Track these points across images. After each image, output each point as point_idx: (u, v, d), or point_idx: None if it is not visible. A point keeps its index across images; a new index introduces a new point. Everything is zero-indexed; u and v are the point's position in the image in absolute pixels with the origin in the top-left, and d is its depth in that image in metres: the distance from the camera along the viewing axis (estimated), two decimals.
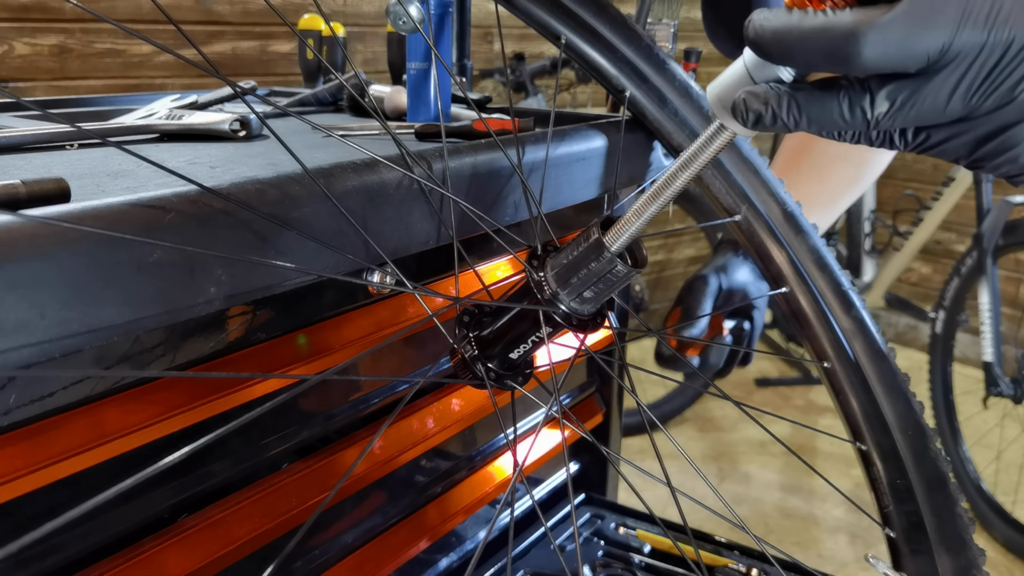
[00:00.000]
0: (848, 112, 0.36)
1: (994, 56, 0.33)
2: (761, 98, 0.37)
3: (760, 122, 0.38)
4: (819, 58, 0.34)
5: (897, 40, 0.32)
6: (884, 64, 0.33)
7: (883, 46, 0.33)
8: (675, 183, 0.45)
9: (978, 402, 2.40)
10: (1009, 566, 2.15)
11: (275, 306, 0.56)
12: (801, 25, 0.35)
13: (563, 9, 0.67)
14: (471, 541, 0.83)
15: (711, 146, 0.44)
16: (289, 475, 0.60)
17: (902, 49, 0.33)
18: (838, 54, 0.34)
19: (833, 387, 0.70)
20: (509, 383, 0.54)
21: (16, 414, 0.42)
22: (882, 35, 0.32)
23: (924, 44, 0.32)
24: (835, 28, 0.33)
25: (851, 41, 0.33)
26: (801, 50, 0.35)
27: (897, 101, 0.35)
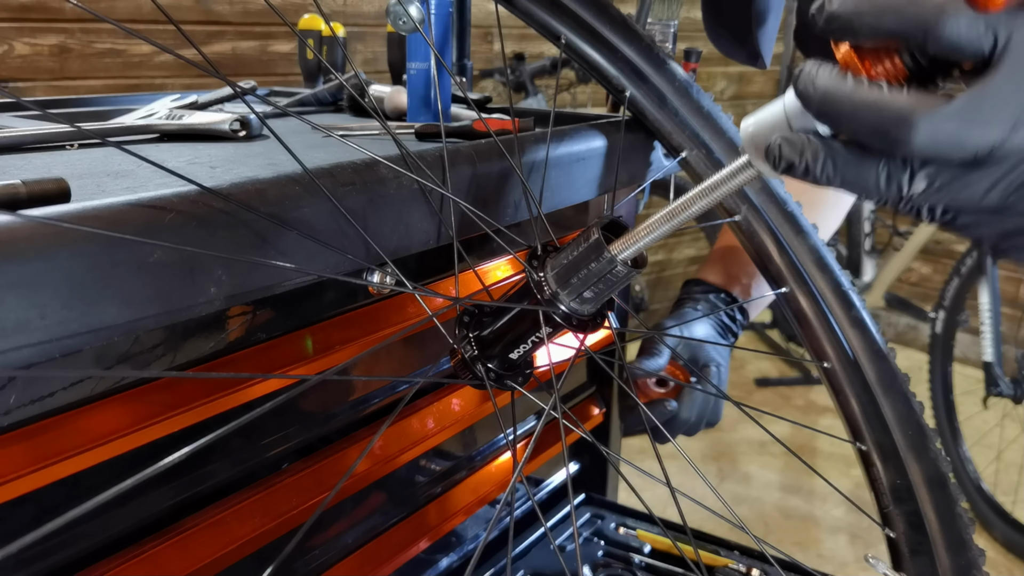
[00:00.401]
0: (885, 183, 0.36)
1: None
2: (797, 148, 0.37)
3: (791, 170, 0.38)
4: (867, 132, 0.35)
5: (950, 133, 0.33)
6: (932, 153, 0.34)
7: (935, 137, 0.33)
8: (692, 208, 0.45)
9: (978, 402, 2.39)
10: (1009, 566, 2.15)
11: (275, 306, 0.56)
12: (854, 96, 0.35)
13: (563, 9, 0.67)
14: (471, 541, 0.83)
15: (734, 180, 0.43)
16: (289, 475, 0.60)
17: (953, 142, 0.33)
18: (888, 135, 0.34)
19: (833, 387, 0.70)
20: (509, 383, 0.54)
21: (16, 414, 0.42)
22: (936, 126, 0.33)
23: (975, 141, 0.33)
24: (889, 109, 0.33)
25: (904, 126, 0.33)
26: (849, 119, 0.35)
27: (936, 184, 0.35)
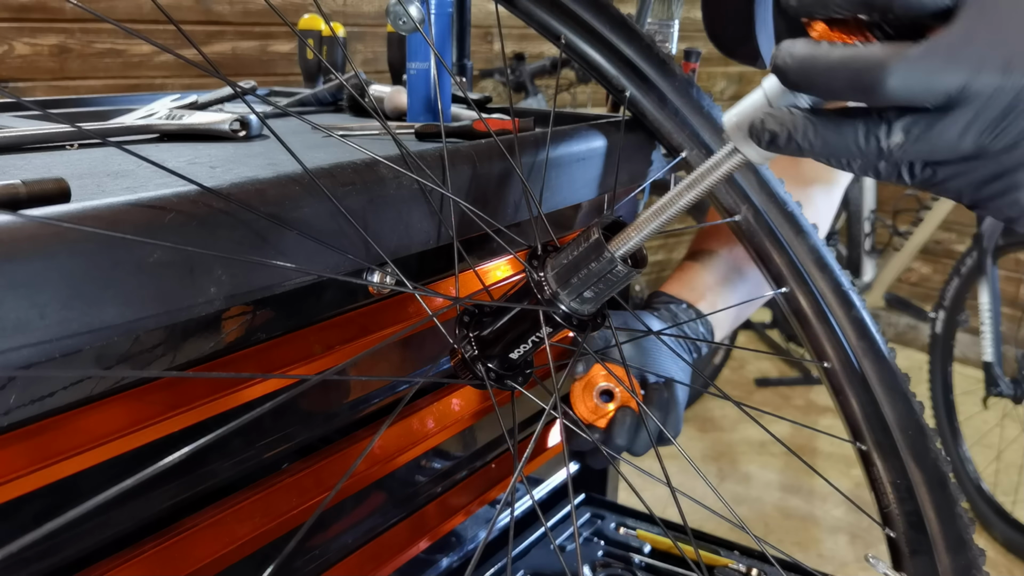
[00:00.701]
0: (864, 140, 0.37)
1: (1007, 99, 0.34)
2: (778, 120, 0.39)
3: (775, 142, 0.39)
4: (843, 86, 0.36)
5: (921, 75, 0.34)
6: (906, 96, 0.35)
7: (907, 79, 0.34)
8: (681, 201, 0.46)
9: (978, 402, 2.39)
10: (1009, 566, 2.15)
11: (275, 306, 0.55)
12: (829, 55, 0.36)
13: (563, 9, 0.67)
14: (471, 541, 0.83)
15: (721, 168, 0.44)
16: (289, 475, 0.60)
17: (924, 84, 0.34)
18: (863, 83, 0.35)
19: (833, 387, 0.70)
20: (509, 383, 0.54)
21: (16, 414, 0.42)
22: (907, 68, 0.34)
23: (945, 81, 0.34)
24: (862, 59, 0.35)
25: (877, 71, 0.34)
26: (826, 78, 0.36)
27: (912, 133, 0.36)
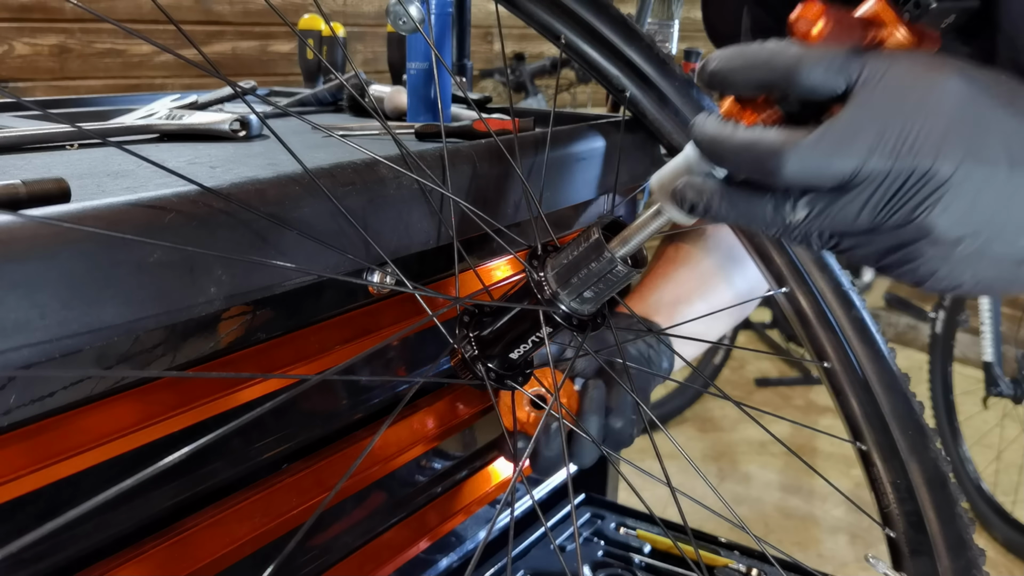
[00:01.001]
0: (772, 213, 0.40)
1: (898, 182, 0.36)
2: (697, 189, 0.41)
3: (694, 211, 0.42)
4: (748, 167, 0.39)
5: (815, 161, 0.36)
6: (802, 180, 0.37)
7: (802, 165, 0.37)
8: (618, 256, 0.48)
9: (978, 402, 2.39)
10: (1009, 566, 2.15)
11: (275, 306, 0.56)
12: (733, 137, 0.39)
13: (563, 9, 0.67)
14: (471, 541, 0.83)
15: (648, 227, 0.46)
16: (289, 475, 0.60)
17: (818, 170, 0.37)
18: (763, 168, 0.38)
19: (833, 387, 0.70)
20: (509, 383, 0.54)
21: (16, 414, 0.42)
22: (801, 156, 0.37)
23: (838, 167, 0.36)
24: (761, 145, 0.38)
25: (775, 158, 0.37)
26: (732, 158, 0.39)
27: (814, 211, 0.38)
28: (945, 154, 0.35)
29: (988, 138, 0.36)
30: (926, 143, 0.35)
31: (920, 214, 0.36)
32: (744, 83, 0.39)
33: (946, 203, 0.36)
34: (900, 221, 0.37)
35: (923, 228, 0.37)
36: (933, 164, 0.35)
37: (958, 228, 0.37)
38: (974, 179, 0.36)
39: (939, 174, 0.35)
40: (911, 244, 0.38)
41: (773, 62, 0.38)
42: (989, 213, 0.36)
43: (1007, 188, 0.36)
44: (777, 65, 0.37)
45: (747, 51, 0.39)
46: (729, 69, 0.39)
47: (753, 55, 0.39)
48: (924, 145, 0.35)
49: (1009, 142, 0.36)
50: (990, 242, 0.37)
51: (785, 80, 0.37)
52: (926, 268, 0.38)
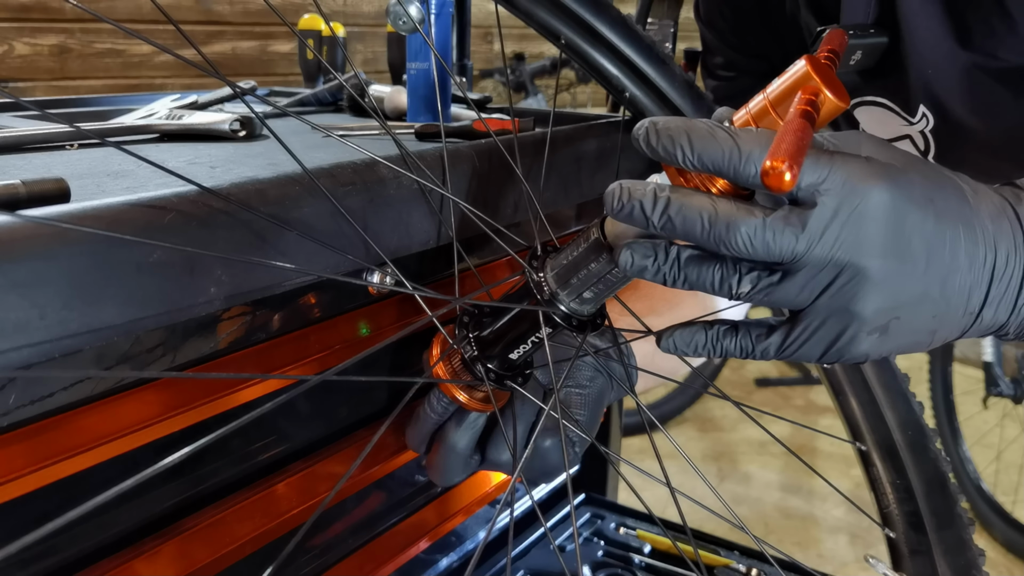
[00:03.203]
0: (718, 283, 0.42)
1: (833, 272, 0.40)
2: (645, 253, 0.43)
3: (643, 274, 0.43)
4: (698, 235, 0.41)
5: (764, 239, 0.40)
6: (750, 254, 0.40)
7: (751, 240, 0.40)
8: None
9: (978, 402, 2.39)
10: (1009, 566, 2.15)
11: (275, 306, 0.56)
12: (690, 203, 0.41)
13: (563, 9, 0.67)
14: (471, 541, 0.83)
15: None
16: (289, 475, 0.60)
17: (765, 247, 0.40)
18: (717, 237, 0.40)
19: (833, 387, 0.70)
20: (509, 383, 0.54)
21: (16, 414, 0.42)
22: (752, 232, 0.39)
23: (783, 249, 0.40)
24: (720, 214, 0.40)
25: (728, 229, 0.40)
26: (682, 226, 0.41)
27: (757, 286, 0.42)
28: (871, 255, 0.40)
29: (907, 237, 0.40)
30: (858, 244, 0.40)
31: (850, 301, 0.41)
32: (691, 164, 0.41)
33: (871, 294, 0.40)
34: (835, 306, 0.41)
35: (851, 313, 0.41)
36: (862, 262, 0.40)
37: (882, 315, 0.41)
38: (895, 275, 0.40)
39: (866, 271, 0.40)
40: (844, 331, 0.42)
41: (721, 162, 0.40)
42: (909, 300, 0.41)
43: (924, 280, 0.41)
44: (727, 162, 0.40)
45: (693, 129, 0.40)
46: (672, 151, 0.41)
47: (700, 135, 0.40)
48: (856, 245, 0.40)
49: (926, 240, 0.41)
50: (909, 322, 0.42)
51: (732, 169, 0.40)
52: (860, 349, 0.42)
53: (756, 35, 0.80)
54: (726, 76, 0.85)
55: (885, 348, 0.43)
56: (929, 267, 0.41)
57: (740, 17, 0.80)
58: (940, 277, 0.41)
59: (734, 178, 0.40)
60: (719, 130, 0.40)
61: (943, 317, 0.42)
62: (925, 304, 0.42)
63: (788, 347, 0.44)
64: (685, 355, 0.47)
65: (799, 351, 0.44)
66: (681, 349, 0.46)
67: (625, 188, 0.42)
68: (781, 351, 0.44)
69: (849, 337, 0.42)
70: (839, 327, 0.42)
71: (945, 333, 0.43)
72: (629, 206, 0.42)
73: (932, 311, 0.42)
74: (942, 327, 0.43)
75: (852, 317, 0.41)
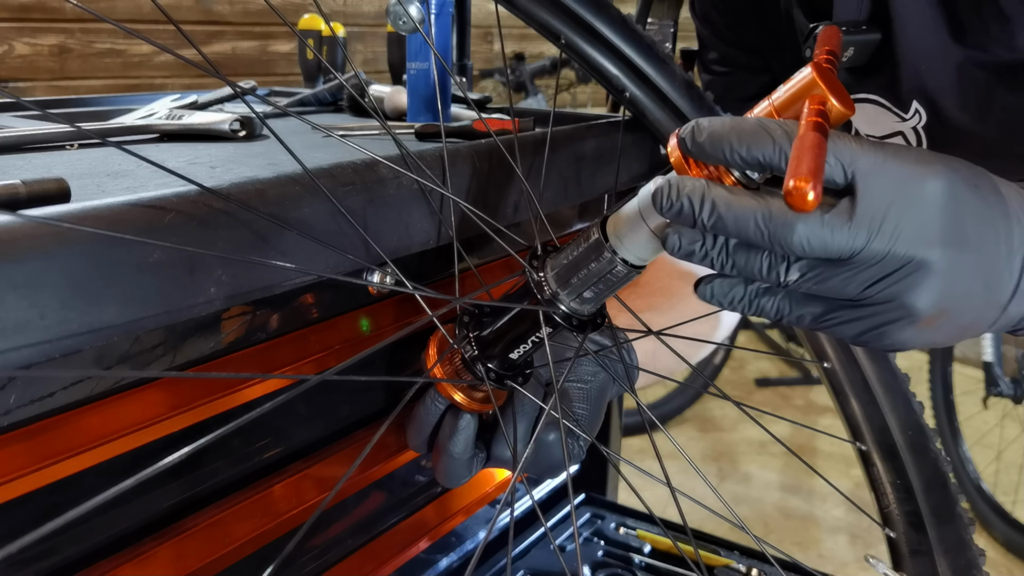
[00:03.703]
0: (766, 271, 0.42)
1: (892, 265, 0.39)
2: (693, 238, 0.43)
3: (691, 257, 0.43)
4: (753, 234, 0.40)
5: (823, 237, 0.39)
6: (807, 253, 0.40)
7: (810, 239, 0.39)
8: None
9: (978, 402, 2.39)
10: (1009, 566, 2.15)
11: (275, 306, 0.56)
12: (739, 203, 0.40)
13: (563, 9, 0.67)
14: (471, 541, 0.83)
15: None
16: (289, 475, 0.60)
17: (825, 244, 0.39)
18: (772, 237, 0.40)
19: (833, 387, 0.70)
20: (509, 383, 0.54)
21: (16, 414, 0.42)
22: (811, 230, 0.39)
23: (843, 244, 0.39)
24: (775, 214, 0.39)
25: (785, 228, 0.39)
26: (734, 224, 0.40)
27: (807, 275, 0.41)
28: (932, 244, 0.39)
29: (964, 226, 0.40)
30: (918, 234, 0.39)
31: (905, 294, 0.40)
32: (741, 161, 0.40)
33: (929, 286, 0.40)
34: (887, 297, 0.40)
35: (905, 307, 0.40)
36: (922, 253, 0.39)
37: (935, 307, 0.40)
38: (952, 265, 0.40)
39: (926, 262, 0.39)
40: (891, 322, 0.41)
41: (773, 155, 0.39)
42: (961, 292, 0.41)
43: (976, 270, 0.40)
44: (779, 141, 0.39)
45: (743, 127, 0.40)
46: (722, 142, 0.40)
47: (751, 132, 0.40)
48: (917, 236, 0.39)
49: (979, 227, 0.40)
50: (957, 315, 0.41)
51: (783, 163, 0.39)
52: (898, 338, 0.42)
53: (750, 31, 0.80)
54: (721, 71, 0.85)
55: (923, 340, 0.42)
56: (980, 256, 0.40)
57: (734, 13, 0.81)
58: (987, 267, 0.41)
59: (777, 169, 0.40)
60: (769, 124, 0.40)
61: (982, 309, 0.42)
62: (973, 296, 0.41)
63: (826, 321, 0.43)
64: (720, 306, 0.45)
65: (835, 328, 0.43)
66: (717, 298, 0.45)
67: (673, 185, 0.41)
68: (817, 322, 0.43)
69: (897, 327, 0.41)
70: (888, 317, 0.41)
71: (978, 327, 0.43)
72: (678, 204, 0.41)
73: (976, 303, 0.41)
74: (979, 319, 0.42)
75: (905, 310, 0.40)
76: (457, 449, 0.58)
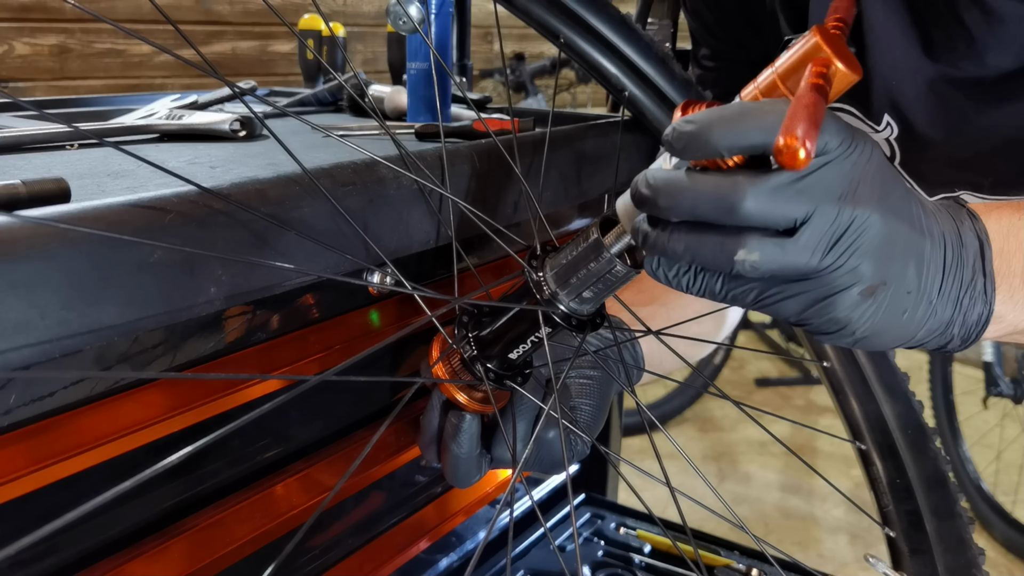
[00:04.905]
0: (720, 250, 0.42)
1: (842, 227, 0.40)
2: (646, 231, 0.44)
3: (646, 242, 0.44)
4: (706, 207, 0.41)
5: (773, 201, 0.40)
6: (759, 218, 0.40)
7: (760, 203, 0.40)
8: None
9: (978, 402, 2.39)
10: (1009, 566, 2.15)
11: (275, 306, 0.56)
12: (694, 178, 0.41)
13: (563, 9, 0.67)
14: (471, 541, 0.83)
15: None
16: (289, 475, 0.60)
17: (776, 209, 0.40)
18: (723, 204, 0.40)
19: (833, 387, 0.70)
20: (508, 383, 0.54)
21: (16, 414, 0.42)
22: (760, 196, 0.39)
23: (792, 210, 0.40)
24: (723, 183, 0.40)
25: (736, 194, 0.40)
26: (690, 199, 0.41)
27: (764, 252, 0.41)
28: (874, 207, 0.41)
29: (898, 205, 0.42)
30: (864, 195, 0.41)
31: (853, 255, 0.41)
32: (728, 149, 0.40)
33: (874, 246, 0.41)
34: (835, 264, 0.41)
35: (852, 270, 0.41)
36: (868, 213, 0.41)
37: (878, 273, 0.42)
38: (891, 231, 0.42)
39: (871, 222, 0.41)
40: (835, 291, 0.42)
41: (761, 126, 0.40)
42: (898, 267, 0.42)
43: (907, 243, 0.43)
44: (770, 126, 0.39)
45: (727, 114, 0.41)
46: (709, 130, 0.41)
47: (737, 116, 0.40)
48: (863, 196, 0.41)
49: (908, 213, 0.43)
50: (896, 296, 0.43)
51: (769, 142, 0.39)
52: (841, 309, 0.42)
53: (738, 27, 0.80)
54: (712, 66, 0.85)
55: (863, 315, 0.43)
56: (912, 234, 0.43)
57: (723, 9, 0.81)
58: (917, 249, 0.43)
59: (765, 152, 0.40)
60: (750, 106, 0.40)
61: (916, 298, 0.44)
62: (907, 279, 0.43)
63: (770, 297, 0.43)
64: (667, 283, 0.46)
65: (779, 304, 0.43)
66: (663, 272, 0.45)
67: (638, 178, 0.43)
68: (761, 297, 0.43)
69: (841, 297, 0.42)
70: (833, 285, 0.42)
71: (912, 323, 0.45)
72: (636, 192, 0.44)
73: (911, 285, 0.43)
74: (913, 312, 0.44)
75: (852, 274, 0.41)
76: (462, 448, 0.59)
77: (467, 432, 0.58)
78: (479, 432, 0.59)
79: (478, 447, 0.60)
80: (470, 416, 0.58)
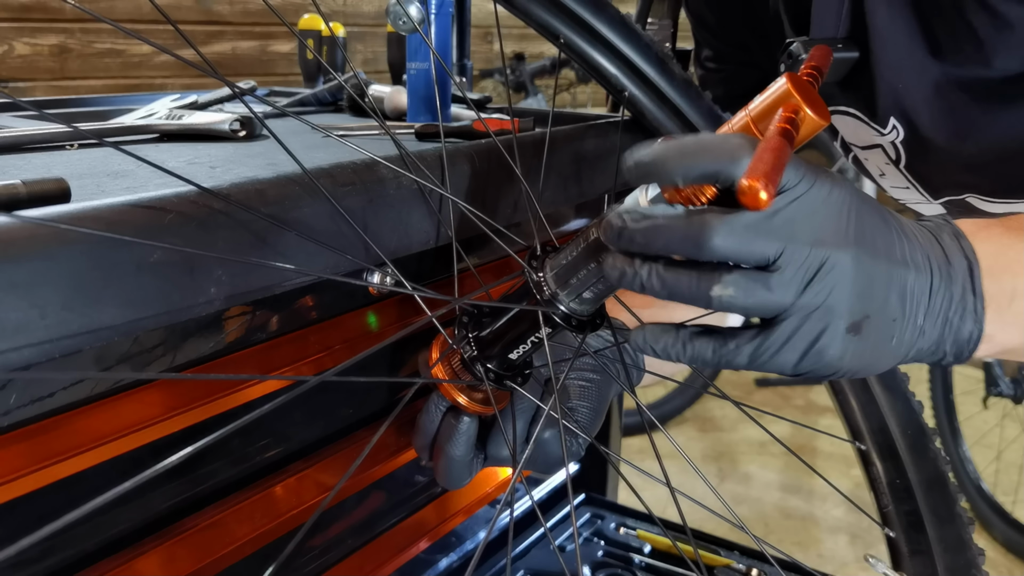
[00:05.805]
0: (696, 287, 0.42)
1: (815, 264, 0.41)
2: (626, 265, 0.44)
3: (623, 279, 0.44)
4: (678, 243, 0.42)
5: (742, 238, 0.40)
6: (729, 254, 0.41)
7: (730, 241, 0.40)
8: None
9: (978, 402, 2.39)
10: (1009, 566, 2.15)
11: (275, 306, 0.56)
12: (666, 215, 0.42)
13: (563, 9, 0.67)
14: (471, 541, 0.83)
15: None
16: (289, 475, 0.60)
17: (745, 246, 0.40)
18: (693, 241, 0.41)
19: (833, 387, 0.70)
20: (508, 383, 0.54)
21: (16, 414, 0.42)
22: (730, 232, 0.40)
23: (763, 248, 0.40)
24: (694, 221, 0.41)
25: (705, 232, 0.40)
26: (663, 236, 0.42)
27: (739, 287, 0.41)
28: (847, 244, 0.42)
29: (872, 239, 0.43)
30: (834, 234, 0.41)
31: (830, 294, 0.41)
32: (684, 179, 0.41)
33: (850, 285, 0.42)
34: (812, 304, 0.41)
35: (832, 309, 0.42)
36: (839, 251, 0.41)
37: (859, 309, 0.42)
38: (869, 266, 0.42)
39: (843, 260, 0.41)
40: (822, 332, 0.42)
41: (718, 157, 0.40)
42: (880, 299, 0.43)
43: (889, 276, 0.43)
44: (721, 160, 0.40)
45: (684, 143, 0.41)
46: (665, 160, 0.41)
47: (693, 146, 0.41)
48: (832, 235, 0.41)
49: (885, 244, 0.43)
50: (878, 323, 0.43)
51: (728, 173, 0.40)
52: (834, 350, 0.43)
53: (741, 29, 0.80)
54: (714, 68, 0.85)
55: (857, 352, 0.43)
56: (892, 266, 0.43)
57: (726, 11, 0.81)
58: (900, 279, 0.44)
59: (731, 179, 0.41)
60: (709, 139, 0.41)
61: (901, 324, 0.44)
62: (890, 307, 0.44)
63: (763, 352, 0.43)
64: (655, 355, 0.46)
65: (776, 358, 0.43)
66: (650, 344, 0.46)
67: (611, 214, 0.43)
68: (755, 357, 0.44)
69: (828, 337, 0.42)
70: (818, 326, 0.42)
71: (904, 346, 0.45)
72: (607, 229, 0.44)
73: (895, 313, 0.44)
74: (900, 338, 0.45)
75: (831, 313, 0.42)
76: (458, 451, 0.59)
77: (464, 435, 0.58)
78: (476, 435, 0.59)
79: (473, 450, 0.60)
80: (468, 419, 0.58)
